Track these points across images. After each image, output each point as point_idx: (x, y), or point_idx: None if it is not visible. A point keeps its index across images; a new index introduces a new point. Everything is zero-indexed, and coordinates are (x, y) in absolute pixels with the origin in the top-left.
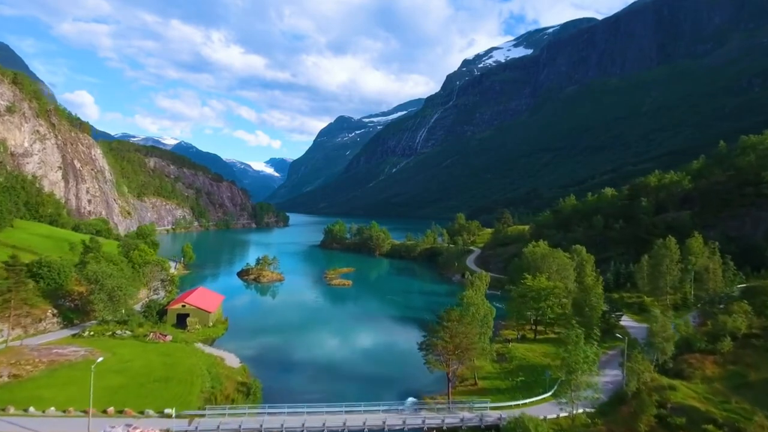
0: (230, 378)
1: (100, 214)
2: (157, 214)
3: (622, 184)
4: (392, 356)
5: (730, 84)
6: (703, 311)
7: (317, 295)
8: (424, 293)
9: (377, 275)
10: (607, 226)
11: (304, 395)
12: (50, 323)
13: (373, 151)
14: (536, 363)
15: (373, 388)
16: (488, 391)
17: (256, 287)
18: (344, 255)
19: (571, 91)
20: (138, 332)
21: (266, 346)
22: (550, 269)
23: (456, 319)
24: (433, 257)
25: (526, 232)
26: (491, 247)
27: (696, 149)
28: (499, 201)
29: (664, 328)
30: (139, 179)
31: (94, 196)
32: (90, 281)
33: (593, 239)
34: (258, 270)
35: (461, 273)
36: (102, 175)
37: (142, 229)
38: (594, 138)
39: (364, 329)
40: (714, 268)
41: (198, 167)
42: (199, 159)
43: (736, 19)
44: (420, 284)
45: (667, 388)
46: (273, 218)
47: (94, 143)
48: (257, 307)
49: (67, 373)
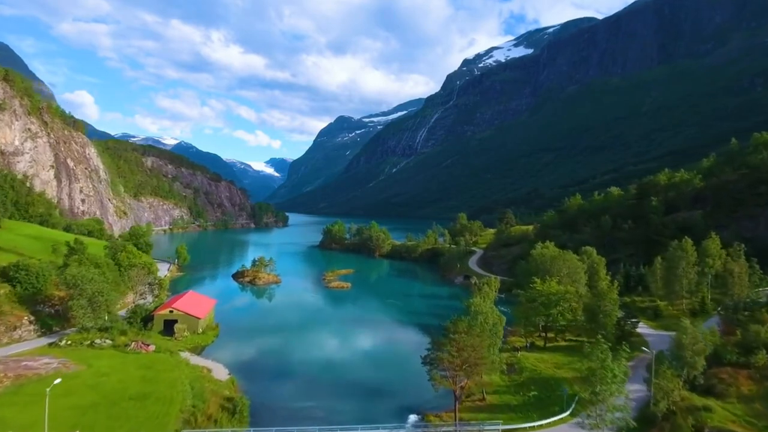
0: (216, 393)
1: (95, 214)
2: (154, 214)
3: (623, 183)
4: (393, 366)
5: (731, 84)
6: (726, 318)
7: (314, 299)
8: (426, 296)
9: (377, 277)
10: (615, 227)
11: (297, 412)
12: (26, 331)
13: (373, 151)
14: (549, 375)
15: (372, 402)
16: (498, 408)
17: (251, 290)
18: (343, 256)
19: (571, 91)
20: (119, 341)
21: (258, 355)
22: (560, 272)
23: (464, 330)
24: (434, 258)
25: (530, 233)
26: (494, 248)
27: (697, 149)
28: (500, 201)
29: (695, 340)
30: (136, 179)
31: (88, 195)
32: (69, 286)
33: (601, 240)
34: (253, 272)
35: (464, 275)
36: (96, 174)
37: (135, 230)
38: (594, 138)
39: (363, 336)
40: (739, 272)
41: (196, 167)
42: (199, 159)
43: (737, 18)
44: (421, 287)
45: (701, 409)
46: (272, 218)
47: (89, 142)
48: (251, 312)
49: (35, 389)
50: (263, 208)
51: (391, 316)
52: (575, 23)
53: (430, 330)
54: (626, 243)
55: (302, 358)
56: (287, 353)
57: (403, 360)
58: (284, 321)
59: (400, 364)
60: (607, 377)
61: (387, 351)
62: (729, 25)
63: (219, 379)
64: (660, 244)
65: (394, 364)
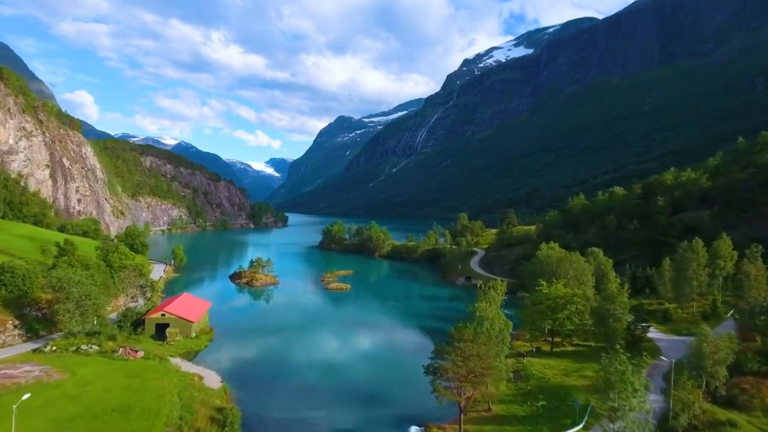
0: (205, 404)
1: (91, 214)
2: (152, 214)
3: (624, 183)
4: (393, 372)
5: (731, 84)
6: (742, 323)
7: (312, 301)
8: (427, 298)
9: (377, 278)
10: (620, 227)
11: (291, 423)
12: (10, 336)
13: (373, 151)
14: (557, 383)
15: (371, 412)
16: (505, 420)
17: (248, 292)
18: (343, 256)
19: (571, 91)
20: (106, 347)
21: (253, 361)
22: (567, 275)
23: (469, 338)
24: (435, 259)
25: (532, 233)
26: (496, 248)
27: (698, 149)
28: (501, 201)
29: (716, 348)
30: (135, 178)
31: (84, 195)
32: (55, 289)
33: (605, 240)
34: (251, 273)
35: (465, 276)
36: (93, 173)
37: (130, 230)
38: (594, 138)
39: (362, 340)
40: (756, 274)
41: (195, 166)
42: (199, 159)
43: (737, 18)
44: (422, 288)
45: (726, 423)
46: (271, 218)
47: (85, 141)
48: (247, 315)
49: (13, 400)
50: (262, 209)
51: (392, 319)
52: (575, 23)
53: (433, 334)
54: (631, 244)
55: (299, 363)
56: (283, 359)
57: (404, 366)
58: (281, 324)
59: (401, 370)
60: (627, 391)
61: (387, 356)
62: (729, 25)
63: (210, 387)
64: (667, 244)
65: (394, 370)
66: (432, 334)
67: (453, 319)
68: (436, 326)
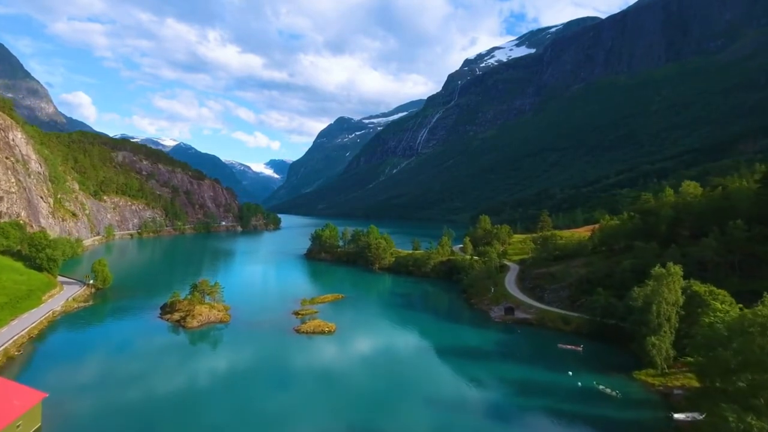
0: None
1: (17, 215)
2: (120, 216)
3: (639, 183)
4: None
5: (745, 81)
6: None
7: (270, 365)
8: (457, 352)
9: (375, 307)
10: (750, 238)
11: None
12: None
13: (373, 151)
14: None
15: None
16: None
17: (174, 337)
18: (335, 269)
19: (576, 90)
20: None
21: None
22: None
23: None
24: (451, 273)
25: (585, 241)
26: (538, 263)
27: (718, 146)
28: (507, 202)
29: None
30: (99, 175)
31: (8, 192)
32: None
33: (728, 256)
34: (188, 304)
35: (505, 305)
36: (24, 166)
37: (36, 237)
38: (603, 137)
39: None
40: None
41: (176, 163)
42: (198, 160)
43: (748, 14)
44: (443, 325)
45: None
46: (261, 221)
47: (13, 125)
48: (133, 403)
49: None
50: (251, 210)
51: (400, 416)
52: (578, 22)
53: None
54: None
55: None
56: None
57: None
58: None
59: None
60: None
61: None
62: (740, 22)
63: None
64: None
65: None
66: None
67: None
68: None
